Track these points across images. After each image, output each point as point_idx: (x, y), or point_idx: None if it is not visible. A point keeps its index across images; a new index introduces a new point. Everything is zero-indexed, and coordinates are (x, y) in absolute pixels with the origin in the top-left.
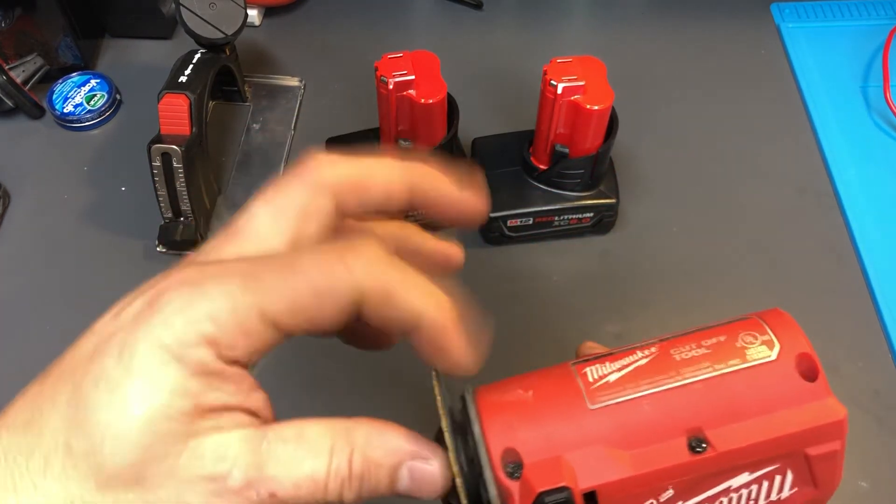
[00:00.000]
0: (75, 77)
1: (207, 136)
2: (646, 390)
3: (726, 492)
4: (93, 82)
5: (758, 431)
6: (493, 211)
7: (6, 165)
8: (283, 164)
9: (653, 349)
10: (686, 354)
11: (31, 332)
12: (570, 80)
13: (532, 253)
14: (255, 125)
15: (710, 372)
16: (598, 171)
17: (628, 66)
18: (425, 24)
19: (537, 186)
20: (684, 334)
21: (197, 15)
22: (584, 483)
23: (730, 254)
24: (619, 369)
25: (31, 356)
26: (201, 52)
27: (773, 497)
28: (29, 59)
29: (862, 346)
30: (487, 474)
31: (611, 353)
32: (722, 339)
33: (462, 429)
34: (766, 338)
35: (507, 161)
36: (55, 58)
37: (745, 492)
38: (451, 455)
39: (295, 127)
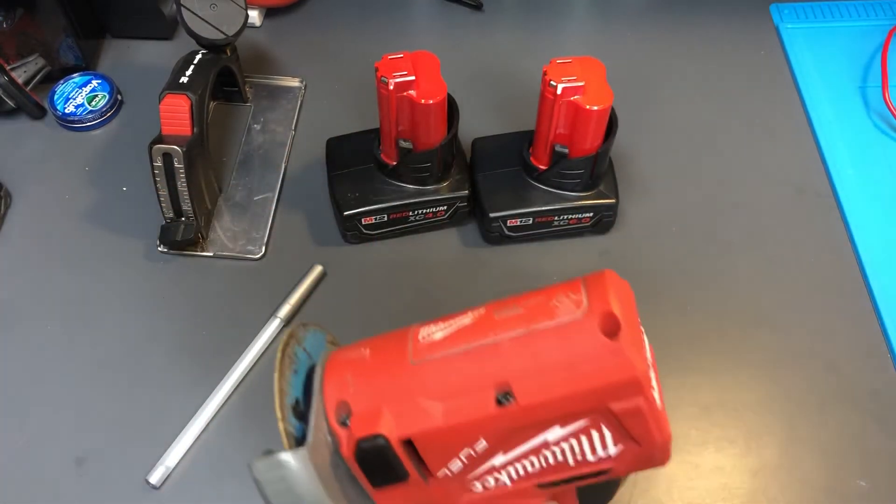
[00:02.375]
0: (77, 78)
1: (208, 136)
2: (462, 348)
3: (546, 445)
4: (94, 83)
5: (559, 386)
6: (493, 211)
7: (7, 166)
8: (283, 164)
9: (480, 310)
10: (505, 314)
11: (32, 331)
12: (569, 81)
13: (532, 253)
14: (255, 125)
15: (521, 330)
16: (597, 171)
17: (628, 66)
18: (425, 24)
19: (537, 186)
20: (512, 297)
21: (198, 16)
22: (400, 432)
23: (729, 254)
24: (445, 329)
25: (32, 356)
26: (202, 53)
27: (601, 454)
28: (30, 59)
29: (861, 346)
30: (314, 421)
31: (448, 315)
32: (540, 299)
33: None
34: (577, 297)
35: (506, 161)
36: (56, 58)
37: (565, 446)
38: (277, 401)
39: (295, 127)
